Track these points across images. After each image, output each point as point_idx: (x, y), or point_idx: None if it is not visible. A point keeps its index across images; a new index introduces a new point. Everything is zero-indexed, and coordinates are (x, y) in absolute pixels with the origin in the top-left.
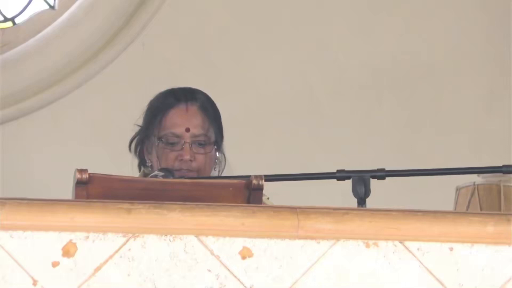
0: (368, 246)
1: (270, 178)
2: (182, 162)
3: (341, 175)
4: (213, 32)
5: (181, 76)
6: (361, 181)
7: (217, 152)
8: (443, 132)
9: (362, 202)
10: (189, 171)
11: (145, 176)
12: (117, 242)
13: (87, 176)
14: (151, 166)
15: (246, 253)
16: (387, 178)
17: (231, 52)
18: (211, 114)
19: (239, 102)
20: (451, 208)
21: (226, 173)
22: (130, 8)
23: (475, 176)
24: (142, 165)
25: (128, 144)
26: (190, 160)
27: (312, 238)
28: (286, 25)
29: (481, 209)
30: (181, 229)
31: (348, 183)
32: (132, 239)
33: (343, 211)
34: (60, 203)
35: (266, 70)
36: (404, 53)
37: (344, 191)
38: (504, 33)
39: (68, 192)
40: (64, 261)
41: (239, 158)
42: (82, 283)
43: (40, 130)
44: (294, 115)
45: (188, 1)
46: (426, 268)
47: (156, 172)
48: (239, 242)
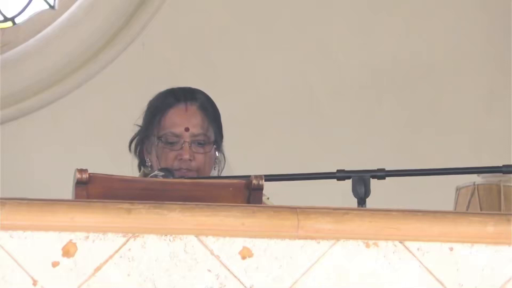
0: (368, 246)
1: (270, 178)
2: (182, 162)
3: (341, 175)
4: (213, 32)
5: (181, 76)
6: (361, 181)
7: (217, 152)
8: (443, 132)
9: (362, 202)
10: (189, 171)
11: (145, 176)
12: (117, 242)
13: (87, 176)
14: (151, 166)
15: (246, 253)
16: (387, 178)
17: (231, 52)
18: (211, 114)
19: (239, 102)
20: (451, 208)
21: (226, 173)
22: (130, 8)
23: (475, 176)
24: (142, 165)
25: (128, 144)
26: (190, 160)
27: (312, 238)
28: (286, 25)
29: (481, 209)
30: (181, 229)
31: (348, 183)
32: (132, 239)
33: (343, 211)
34: (60, 203)
35: (266, 70)
36: (404, 53)
37: (344, 191)
38: (504, 33)
39: (68, 192)
40: (64, 261)
41: (239, 158)
42: (82, 283)
43: (40, 130)
44: (294, 115)
45: (188, 1)
46: (426, 268)
47: (156, 172)
48: (239, 242)
